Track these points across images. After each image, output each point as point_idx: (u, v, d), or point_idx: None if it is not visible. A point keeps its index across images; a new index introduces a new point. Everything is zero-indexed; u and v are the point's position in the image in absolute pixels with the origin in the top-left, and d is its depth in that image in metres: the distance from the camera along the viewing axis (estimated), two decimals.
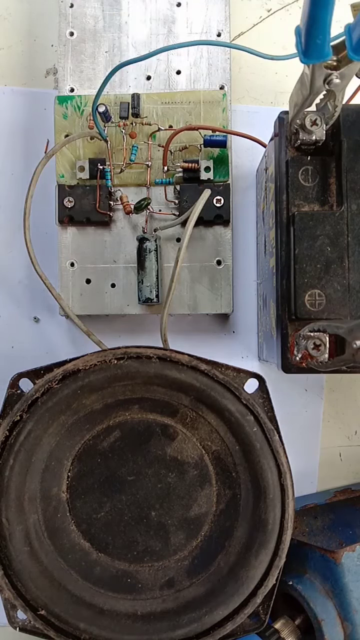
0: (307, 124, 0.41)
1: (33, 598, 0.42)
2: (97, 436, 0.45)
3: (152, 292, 0.50)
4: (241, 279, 0.56)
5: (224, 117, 0.51)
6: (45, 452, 0.43)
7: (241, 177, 0.56)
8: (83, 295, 0.52)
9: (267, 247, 0.48)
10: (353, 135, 0.42)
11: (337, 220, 0.41)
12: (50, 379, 0.42)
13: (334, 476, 0.55)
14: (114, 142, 0.51)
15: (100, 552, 0.44)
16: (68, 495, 0.44)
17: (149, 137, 0.51)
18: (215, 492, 0.44)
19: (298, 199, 0.43)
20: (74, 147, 0.51)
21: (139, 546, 0.44)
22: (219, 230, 0.52)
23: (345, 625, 0.43)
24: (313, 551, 0.45)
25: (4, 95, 0.56)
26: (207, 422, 0.44)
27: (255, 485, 0.42)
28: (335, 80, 0.36)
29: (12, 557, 0.41)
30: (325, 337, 0.40)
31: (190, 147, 0.51)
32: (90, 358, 0.42)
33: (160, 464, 0.44)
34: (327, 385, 0.56)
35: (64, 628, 0.42)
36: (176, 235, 0.52)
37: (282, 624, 0.45)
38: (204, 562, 0.43)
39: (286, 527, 0.42)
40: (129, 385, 0.43)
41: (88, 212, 0.51)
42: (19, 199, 0.55)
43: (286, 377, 0.54)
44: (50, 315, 0.55)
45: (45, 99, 0.53)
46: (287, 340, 0.42)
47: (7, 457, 0.42)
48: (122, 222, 0.52)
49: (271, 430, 0.42)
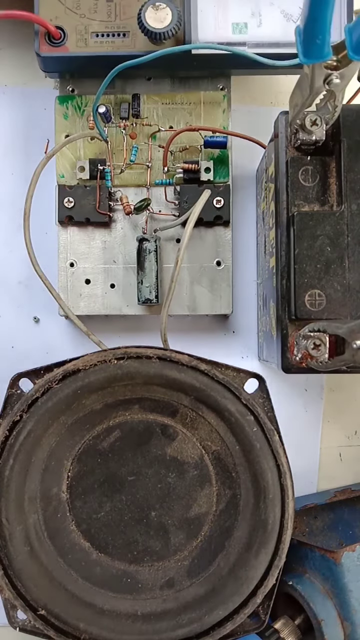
0: (307, 124, 0.41)
1: (33, 598, 0.42)
2: (97, 436, 0.45)
3: (151, 293, 0.50)
4: (241, 279, 0.56)
5: (224, 118, 0.51)
6: (45, 452, 0.43)
7: (241, 177, 0.56)
8: (82, 296, 0.52)
9: (267, 247, 0.48)
10: (353, 135, 0.42)
11: (337, 220, 0.42)
12: (50, 379, 0.42)
13: (334, 476, 0.55)
14: (114, 143, 0.51)
15: (100, 552, 0.44)
16: (68, 495, 0.44)
17: (150, 137, 0.51)
18: (215, 492, 0.44)
19: (298, 199, 0.43)
20: (75, 148, 0.51)
21: (139, 546, 0.44)
22: (218, 231, 0.52)
23: (345, 625, 0.43)
24: (313, 551, 0.45)
25: (4, 95, 0.56)
26: (207, 422, 0.44)
27: (255, 485, 0.42)
28: (335, 80, 0.37)
29: (12, 557, 0.41)
30: (325, 337, 0.40)
31: (191, 147, 0.51)
32: (90, 358, 0.42)
33: (160, 464, 0.44)
34: (327, 385, 0.56)
35: (64, 628, 0.42)
36: (176, 236, 0.52)
37: (282, 624, 0.45)
38: (204, 562, 0.43)
39: (286, 527, 0.42)
40: (129, 385, 0.43)
41: (88, 212, 0.51)
42: (19, 199, 0.55)
43: (286, 377, 0.54)
44: (50, 315, 0.55)
45: (45, 99, 0.53)
46: (287, 340, 0.42)
47: (7, 457, 0.42)
48: (122, 222, 0.52)
49: (271, 430, 0.42)
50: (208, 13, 0.47)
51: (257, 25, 0.47)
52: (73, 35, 0.47)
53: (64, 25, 0.47)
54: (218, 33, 0.47)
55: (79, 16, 0.47)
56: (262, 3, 0.47)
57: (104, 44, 0.48)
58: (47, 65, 0.49)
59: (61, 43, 0.47)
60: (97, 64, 0.47)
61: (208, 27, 0.47)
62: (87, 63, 0.48)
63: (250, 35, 0.47)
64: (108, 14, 0.47)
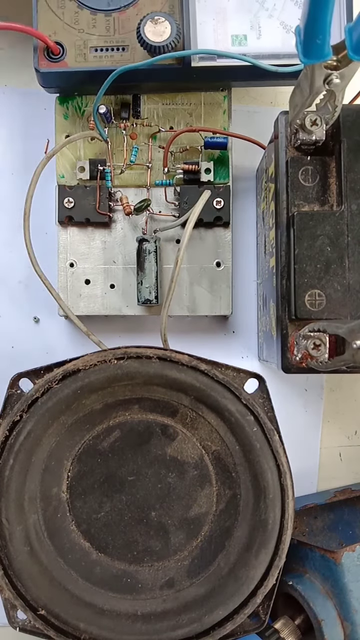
0: (307, 124, 0.41)
1: (33, 598, 0.42)
2: (97, 436, 0.45)
3: (151, 294, 0.50)
4: (241, 279, 0.56)
5: (224, 118, 0.51)
6: (45, 452, 0.43)
7: (241, 177, 0.56)
8: (82, 296, 0.52)
9: (267, 247, 0.48)
10: (353, 135, 0.42)
11: (337, 220, 0.42)
12: (50, 379, 0.42)
13: (334, 476, 0.55)
14: (114, 143, 0.51)
15: (100, 552, 0.44)
16: (68, 495, 0.44)
17: (150, 138, 0.51)
18: (215, 492, 0.44)
19: (298, 199, 0.43)
20: (75, 148, 0.51)
21: (139, 546, 0.44)
22: (218, 232, 0.52)
23: (345, 625, 0.43)
24: (313, 551, 0.45)
25: (4, 95, 0.56)
26: (207, 422, 0.44)
27: (255, 485, 0.42)
28: (335, 80, 0.37)
29: (12, 557, 0.41)
30: (325, 337, 0.40)
31: (191, 148, 0.51)
32: (90, 358, 0.42)
33: (160, 464, 0.44)
34: (327, 385, 0.56)
35: (64, 628, 0.42)
36: (176, 237, 0.52)
37: (282, 624, 0.45)
38: (204, 562, 0.43)
39: (286, 527, 0.42)
40: (129, 385, 0.43)
41: (88, 212, 0.51)
42: (19, 199, 0.55)
43: (286, 377, 0.54)
44: (50, 315, 0.55)
45: (45, 99, 0.53)
46: (287, 340, 0.42)
47: (7, 457, 0.42)
48: (122, 223, 0.52)
49: (271, 430, 0.42)
50: (207, 26, 0.47)
51: (257, 37, 0.47)
52: (72, 50, 0.47)
53: (62, 41, 0.47)
54: (218, 45, 0.47)
55: (78, 31, 0.47)
56: (262, 15, 0.47)
57: (103, 59, 0.48)
58: (46, 81, 0.49)
59: (60, 58, 0.47)
60: (97, 78, 0.46)
61: (208, 39, 0.47)
62: (86, 78, 0.48)
63: (249, 47, 0.47)
64: (107, 28, 0.47)
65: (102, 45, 0.47)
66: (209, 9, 0.47)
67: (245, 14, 0.47)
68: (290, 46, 0.46)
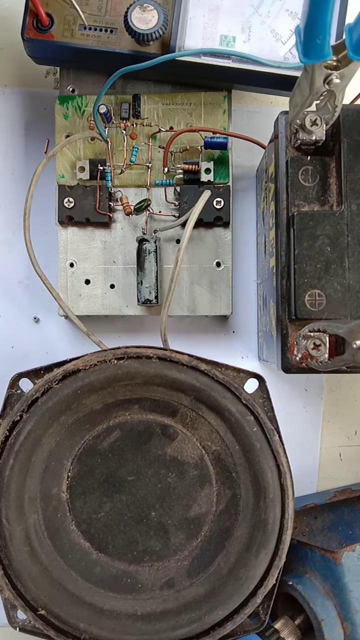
0: (307, 124, 0.41)
1: (33, 598, 0.42)
2: (97, 436, 0.45)
3: (151, 294, 0.50)
4: (241, 279, 0.56)
5: (224, 118, 0.51)
6: (45, 452, 0.43)
7: (241, 177, 0.56)
8: (82, 296, 0.52)
9: (267, 247, 0.48)
10: (353, 135, 0.42)
11: (337, 220, 0.42)
12: (50, 379, 0.42)
13: (334, 476, 0.56)
14: (114, 143, 0.51)
15: (100, 552, 0.44)
16: (68, 495, 0.44)
17: (150, 138, 0.51)
18: (215, 492, 0.44)
19: (298, 199, 0.43)
20: (75, 148, 0.51)
21: (139, 546, 0.44)
22: (218, 232, 0.52)
23: (345, 625, 0.43)
24: (313, 551, 0.45)
25: (4, 95, 0.56)
26: (207, 422, 0.44)
27: (255, 485, 0.42)
28: (335, 80, 0.37)
29: (12, 557, 0.41)
30: (325, 337, 0.40)
31: (191, 148, 0.51)
32: (90, 358, 0.42)
33: (160, 464, 0.44)
34: (327, 385, 0.56)
35: (64, 628, 0.42)
36: (176, 237, 0.52)
37: (282, 624, 0.45)
38: (204, 562, 0.43)
39: (286, 527, 0.42)
40: (129, 385, 0.43)
41: (88, 212, 0.51)
42: (19, 199, 0.55)
43: (286, 377, 0.54)
44: (50, 315, 0.55)
45: (45, 99, 0.53)
46: (287, 340, 0.42)
47: (7, 457, 0.42)
48: (122, 223, 0.52)
49: (271, 430, 0.42)
50: (198, 21, 0.47)
51: (245, 40, 0.46)
52: (61, 24, 0.47)
53: (53, 13, 0.47)
54: (205, 43, 0.47)
55: (70, 6, 0.47)
56: (254, 20, 0.46)
57: (89, 38, 0.47)
58: (32, 50, 0.49)
59: (48, 30, 0.47)
60: (80, 56, 0.46)
61: (196, 35, 0.47)
62: (70, 54, 0.48)
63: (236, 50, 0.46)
64: (99, 8, 0.47)
65: (92, 24, 0.47)
66: (203, 5, 0.46)
67: (238, 16, 0.46)
68: (277, 56, 0.46)
